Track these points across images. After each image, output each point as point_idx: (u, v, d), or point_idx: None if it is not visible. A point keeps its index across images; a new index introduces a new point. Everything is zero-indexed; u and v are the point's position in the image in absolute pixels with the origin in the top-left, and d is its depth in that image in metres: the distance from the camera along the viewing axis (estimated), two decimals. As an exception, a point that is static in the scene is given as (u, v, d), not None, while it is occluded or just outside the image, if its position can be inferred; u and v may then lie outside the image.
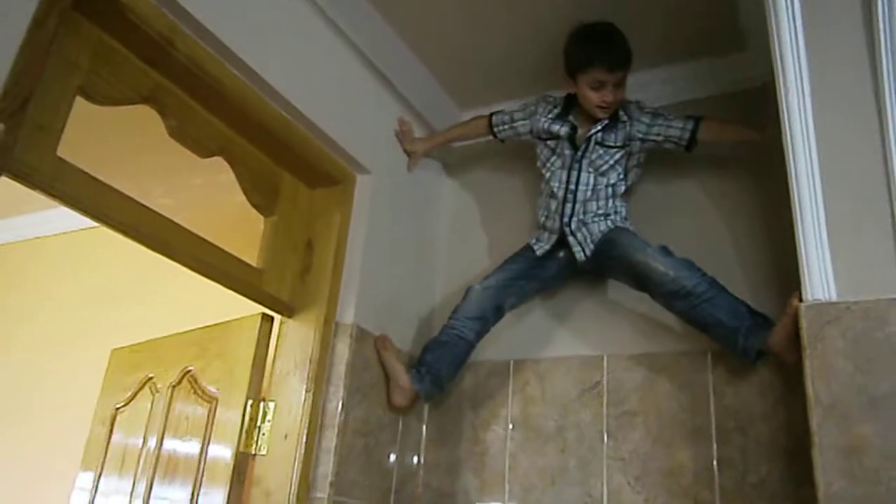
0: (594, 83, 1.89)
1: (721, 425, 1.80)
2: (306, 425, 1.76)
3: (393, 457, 1.98)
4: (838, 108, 1.60)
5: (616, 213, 1.96)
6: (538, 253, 2.00)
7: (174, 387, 2.06)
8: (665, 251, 1.82)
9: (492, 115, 2.19)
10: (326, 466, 1.75)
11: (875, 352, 1.47)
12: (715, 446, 1.78)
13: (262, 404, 1.83)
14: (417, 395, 1.97)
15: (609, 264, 1.94)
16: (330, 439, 1.78)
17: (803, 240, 1.57)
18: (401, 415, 2.02)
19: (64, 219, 3.18)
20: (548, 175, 2.03)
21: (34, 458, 2.83)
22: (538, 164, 2.08)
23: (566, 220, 1.95)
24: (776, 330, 1.64)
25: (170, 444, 1.99)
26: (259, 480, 1.77)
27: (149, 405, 2.11)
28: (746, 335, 1.71)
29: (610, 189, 1.95)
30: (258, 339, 1.87)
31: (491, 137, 2.21)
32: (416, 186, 2.30)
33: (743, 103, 2.04)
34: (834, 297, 1.53)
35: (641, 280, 1.85)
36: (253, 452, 1.79)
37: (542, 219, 2.02)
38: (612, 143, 1.95)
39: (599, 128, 1.95)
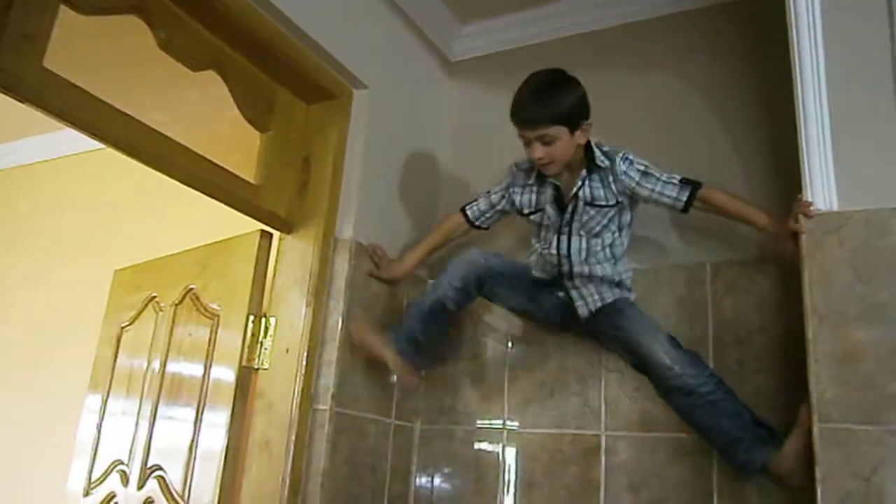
0: (522, 139, 1.72)
1: (718, 338, 1.81)
2: (307, 339, 1.78)
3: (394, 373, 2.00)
4: (847, 10, 1.56)
5: (622, 281, 1.80)
6: (536, 275, 1.87)
7: (177, 305, 2.08)
8: (673, 342, 1.71)
9: (463, 209, 1.96)
10: (328, 379, 1.78)
11: (875, 261, 1.47)
12: (712, 358, 1.80)
13: (263, 320, 1.85)
14: (399, 356, 1.82)
15: (610, 333, 1.81)
16: (331, 352, 1.80)
17: (806, 148, 1.55)
18: (403, 317, 2.04)
19: (63, 143, 3.17)
20: (543, 248, 1.84)
21: (43, 382, 2.88)
22: (532, 239, 1.89)
23: (566, 272, 1.80)
24: (786, 448, 1.56)
25: (174, 362, 2.02)
26: (262, 393, 1.80)
27: (153, 324, 2.14)
28: (748, 449, 1.62)
29: (608, 250, 1.78)
30: (257, 256, 1.87)
31: (473, 231, 1.98)
32: (415, 101, 2.26)
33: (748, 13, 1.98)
34: (835, 207, 1.52)
35: (642, 363, 1.76)
36: (255, 367, 1.82)
37: (540, 267, 1.87)
38: (602, 203, 1.75)
39: (580, 183, 1.74)
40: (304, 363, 1.76)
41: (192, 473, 1.82)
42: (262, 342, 1.83)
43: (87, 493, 2.11)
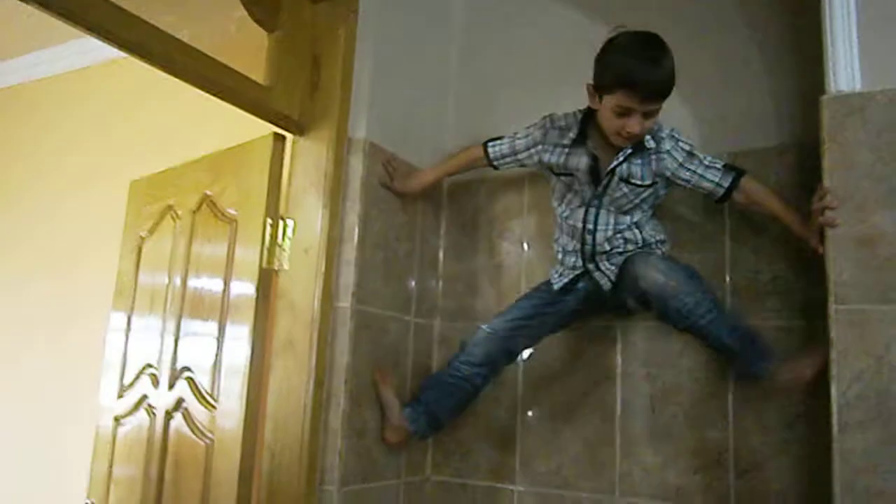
0: (619, 108, 1.57)
1: (735, 228, 1.81)
2: (325, 240, 1.80)
3: (412, 268, 2.03)
4: None
5: (644, 241, 1.73)
6: (555, 287, 1.80)
7: (194, 213, 2.09)
8: (666, 259, 1.70)
9: (486, 144, 1.90)
10: (348, 277, 1.81)
11: (897, 142, 1.45)
12: (728, 247, 1.80)
13: (280, 222, 1.86)
14: (411, 434, 1.87)
15: (627, 288, 1.71)
16: (350, 252, 1.82)
17: (830, 25, 1.50)
18: (417, 230, 2.06)
19: (67, 58, 3.13)
20: (565, 213, 1.78)
21: (66, 300, 2.95)
22: (552, 200, 1.83)
23: (587, 257, 1.74)
24: (797, 359, 1.57)
25: (195, 269, 2.05)
26: (284, 294, 1.84)
27: (171, 233, 2.16)
28: (748, 363, 1.62)
29: (634, 229, 1.72)
30: (272, 159, 1.87)
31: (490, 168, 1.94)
32: (427, -1, 2.20)
33: None
34: (858, 87, 1.48)
35: (643, 292, 1.65)
36: (275, 268, 1.85)
37: (560, 255, 1.81)
38: (638, 182, 1.67)
39: (622, 159, 1.66)
40: (324, 263, 1.78)
41: (219, 374, 1.88)
42: (280, 244, 1.86)
43: (120, 396, 2.19)
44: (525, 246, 2.06)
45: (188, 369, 1.97)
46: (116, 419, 2.18)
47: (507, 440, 1.99)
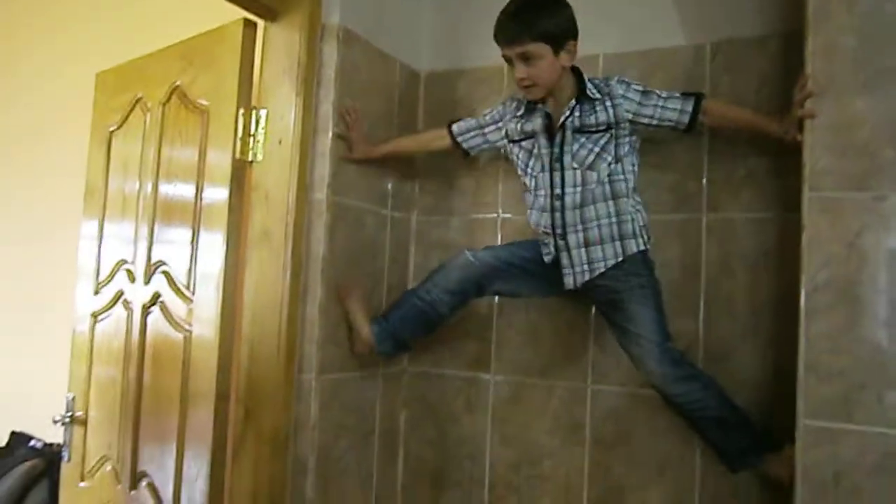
0: (506, 61, 1.67)
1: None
2: (299, 130, 1.76)
3: (388, 161, 2.00)
4: None
5: (624, 229, 1.66)
6: (546, 259, 1.75)
7: (164, 104, 2.03)
8: (665, 356, 1.63)
9: (450, 125, 1.86)
10: (322, 169, 1.78)
11: (885, 27, 1.42)
12: (707, 137, 1.79)
13: (253, 112, 1.81)
14: (377, 353, 1.87)
15: (605, 318, 1.75)
16: (324, 143, 1.79)
17: None
18: (394, 122, 2.02)
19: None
20: (531, 183, 1.74)
21: (37, 201, 2.89)
22: (518, 171, 1.78)
23: (559, 232, 1.69)
24: (782, 461, 1.56)
25: (167, 161, 2.00)
26: (257, 185, 1.81)
27: (142, 126, 2.10)
28: (732, 461, 1.67)
29: (606, 187, 1.65)
30: (243, 46, 1.80)
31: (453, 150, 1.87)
32: None
33: None
34: (846, -30, 1.45)
35: (634, 362, 1.68)
36: (249, 159, 1.82)
37: (535, 222, 1.75)
38: (593, 128, 1.65)
39: (568, 112, 1.65)
40: (298, 154, 1.75)
41: (195, 267, 1.87)
42: (253, 135, 1.81)
43: (96, 293, 2.18)
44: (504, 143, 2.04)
45: (164, 263, 1.96)
46: (94, 315, 2.17)
47: (483, 331, 2.03)
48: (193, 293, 1.86)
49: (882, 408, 1.38)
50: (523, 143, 1.75)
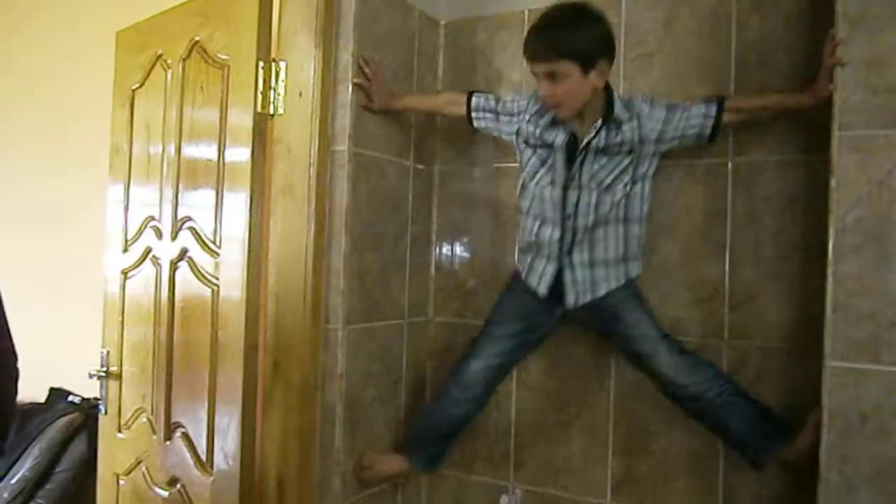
0: (533, 75, 1.60)
1: (741, 60, 1.75)
2: (319, 82, 1.75)
3: (410, 112, 2.00)
4: None
5: (628, 254, 1.68)
6: (542, 293, 1.72)
7: (184, 60, 2.02)
8: (672, 346, 1.66)
9: (470, 95, 1.80)
10: (343, 120, 1.78)
11: (917, -44, 1.38)
12: (733, 82, 1.75)
13: (273, 65, 1.81)
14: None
15: (608, 334, 1.77)
16: (344, 94, 1.78)
17: None
18: (415, 71, 2.01)
19: None
20: (538, 192, 1.69)
21: (64, 165, 2.92)
22: (522, 172, 1.74)
23: (566, 249, 1.67)
24: (797, 443, 1.57)
25: (190, 117, 2.01)
26: (280, 139, 1.81)
27: (163, 83, 2.10)
28: (757, 449, 1.64)
29: (621, 210, 1.64)
30: (260, -1, 1.79)
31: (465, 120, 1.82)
32: None
33: None
34: None
35: (641, 367, 1.71)
36: (270, 113, 1.82)
37: (530, 243, 1.73)
38: (616, 148, 1.61)
39: (593, 134, 1.60)
40: (319, 106, 1.75)
41: (220, 222, 1.89)
42: (274, 88, 1.81)
43: (125, 250, 2.21)
44: (524, 89, 2.01)
45: (190, 219, 1.98)
46: (124, 272, 2.20)
47: (502, 275, 2.02)
48: (220, 247, 1.88)
49: (911, 348, 1.37)
50: (538, 150, 1.69)
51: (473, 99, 1.79)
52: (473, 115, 1.80)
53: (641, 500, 1.86)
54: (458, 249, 2.13)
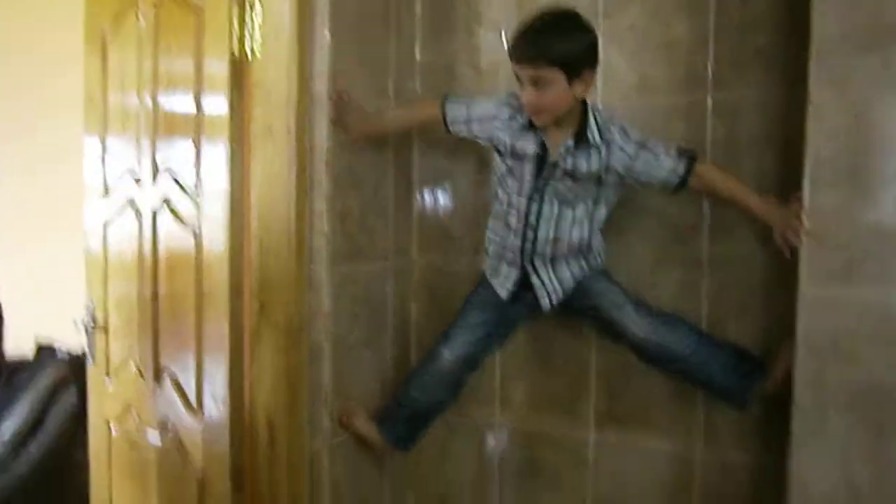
0: (517, 78, 1.57)
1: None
2: (295, 23, 1.72)
3: (388, 52, 1.98)
4: None
5: (591, 251, 1.73)
6: (503, 296, 1.78)
7: (156, 6, 1.99)
8: (641, 310, 1.69)
9: (444, 102, 1.77)
10: (322, 62, 1.76)
11: None
12: (713, 16, 1.75)
13: (248, 7, 1.78)
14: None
15: (580, 311, 1.78)
16: (322, 35, 1.75)
17: None
18: (392, 12, 1.98)
19: None
20: (504, 198, 1.72)
21: (42, 118, 2.87)
22: (493, 175, 1.78)
23: (527, 256, 1.71)
24: (774, 375, 1.62)
25: (165, 66, 1.98)
26: (257, 82, 1.79)
27: (135, 28, 2.06)
28: (740, 392, 1.69)
29: (584, 224, 1.69)
30: (232, -65, 1.75)
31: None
32: None
33: None
34: None
35: (617, 337, 1.74)
36: (247, 56, 1.79)
37: (495, 245, 1.78)
38: (583, 175, 1.61)
39: (563, 152, 1.60)
40: (296, 47, 1.73)
41: (200, 168, 1.88)
42: (250, 31, 1.78)
43: (105, 198, 2.20)
44: (504, 30, 1.99)
45: (168, 165, 1.97)
46: (104, 223, 2.20)
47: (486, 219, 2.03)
48: (201, 193, 1.88)
49: (883, 277, 1.40)
50: (507, 160, 1.70)
51: (447, 106, 1.76)
52: (449, 123, 1.77)
53: (624, 433, 1.91)
54: (441, 193, 2.13)
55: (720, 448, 1.81)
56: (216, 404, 1.85)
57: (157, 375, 2.02)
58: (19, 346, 2.77)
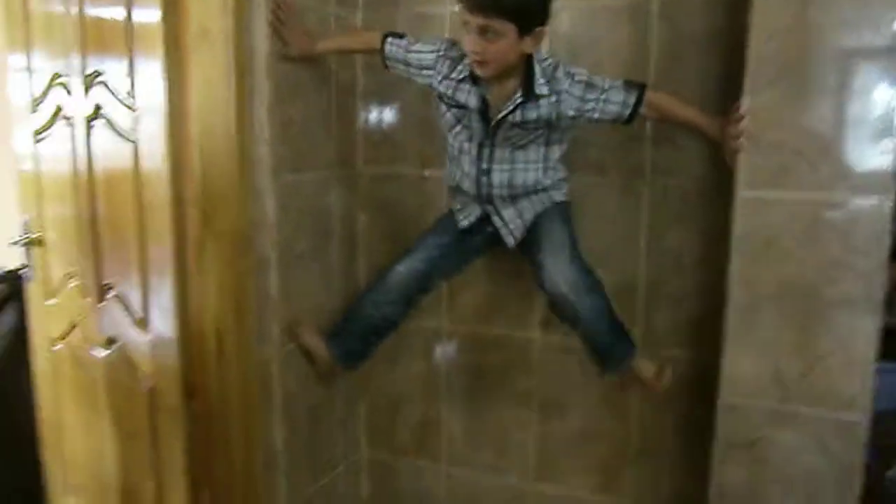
0: (462, 24, 1.51)
1: None
2: None
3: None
4: None
5: (549, 186, 1.71)
6: (461, 226, 1.80)
7: None
8: (575, 266, 1.68)
9: (385, 37, 1.72)
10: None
11: None
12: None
13: None
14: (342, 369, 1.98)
15: (527, 246, 1.76)
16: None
17: None
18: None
19: None
20: (456, 145, 1.71)
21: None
22: (440, 121, 1.73)
23: (485, 194, 1.71)
24: (637, 371, 1.73)
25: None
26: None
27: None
28: (622, 359, 1.74)
29: (537, 165, 1.68)
30: None
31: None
32: None
33: None
34: None
35: (540, 280, 1.70)
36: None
37: (457, 181, 1.76)
38: (531, 124, 1.59)
39: (511, 108, 1.57)
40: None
41: (134, 74, 1.80)
42: (180, -76, 1.68)
43: (33, 111, 2.09)
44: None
45: (100, 73, 1.88)
46: (36, 133, 2.10)
47: (433, 128, 2.01)
48: (136, 101, 1.80)
49: (815, 177, 1.45)
50: (452, 109, 1.67)
51: (387, 46, 1.73)
52: (388, 63, 1.75)
53: (569, 335, 1.98)
54: (387, 104, 2.10)
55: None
56: (163, 316, 1.84)
57: (100, 292, 1.98)
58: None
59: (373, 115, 2.12)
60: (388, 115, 2.09)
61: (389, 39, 1.73)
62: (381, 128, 2.11)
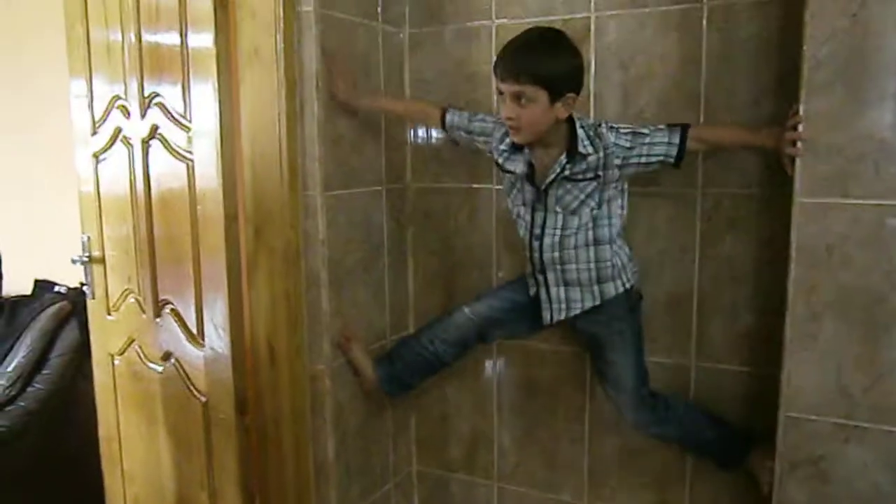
0: (499, 94, 1.59)
1: None
2: (279, -62, 1.67)
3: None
4: None
5: (601, 277, 1.70)
6: (531, 293, 1.81)
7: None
8: (647, 407, 1.75)
9: (444, 111, 1.82)
10: (308, -21, 1.72)
11: None
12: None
13: (229, -77, 1.72)
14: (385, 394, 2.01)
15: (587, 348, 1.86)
16: (307, -50, 1.71)
17: None
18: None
19: None
20: (514, 210, 1.76)
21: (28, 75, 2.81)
22: (508, 195, 1.78)
23: (537, 259, 1.73)
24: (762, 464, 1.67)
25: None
26: (241, 3, 1.75)
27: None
28: (723, 462, 1.79)
29: (589, 233, 1.67)
30: None
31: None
32: None
33: None
34: None
35: (611, 402, 1.83)
36: (231, -24, 1.74)
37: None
38: (580, 175, 1.60)
39: (558, 170, 1.61)
40: (281, -35, 1.68)
41: (189, 94, 1.85)
42: (232, -51, 1.73)
43: (94, 133, 2.17)
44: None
45: (158, 95, 1.93)
46: (95, 156, 2.17)
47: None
48: (190, 121, 1.85)
49: (878, 179, 1.40)
50: (507, 175, 1.73)
51: (448, 116, 1.81)
52: (448, 132, 1.84)
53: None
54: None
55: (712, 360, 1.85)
56: (217, 331, 1.87)
57: (157, 307, 2.03)
58: (19, 286, 2.79)
59: (421, 131, 2.13)
60: (436, 130, 2.10)
61: (451, 110, 1.82)
62: (429, 143, 2.12)
